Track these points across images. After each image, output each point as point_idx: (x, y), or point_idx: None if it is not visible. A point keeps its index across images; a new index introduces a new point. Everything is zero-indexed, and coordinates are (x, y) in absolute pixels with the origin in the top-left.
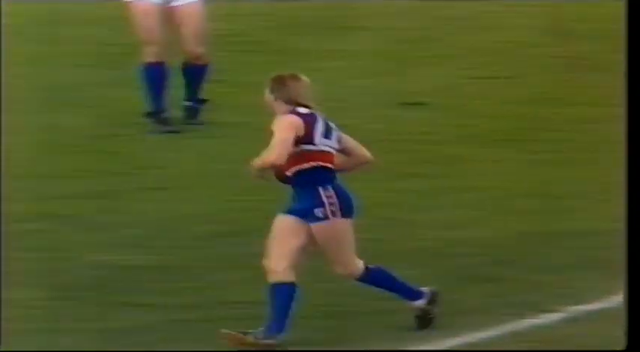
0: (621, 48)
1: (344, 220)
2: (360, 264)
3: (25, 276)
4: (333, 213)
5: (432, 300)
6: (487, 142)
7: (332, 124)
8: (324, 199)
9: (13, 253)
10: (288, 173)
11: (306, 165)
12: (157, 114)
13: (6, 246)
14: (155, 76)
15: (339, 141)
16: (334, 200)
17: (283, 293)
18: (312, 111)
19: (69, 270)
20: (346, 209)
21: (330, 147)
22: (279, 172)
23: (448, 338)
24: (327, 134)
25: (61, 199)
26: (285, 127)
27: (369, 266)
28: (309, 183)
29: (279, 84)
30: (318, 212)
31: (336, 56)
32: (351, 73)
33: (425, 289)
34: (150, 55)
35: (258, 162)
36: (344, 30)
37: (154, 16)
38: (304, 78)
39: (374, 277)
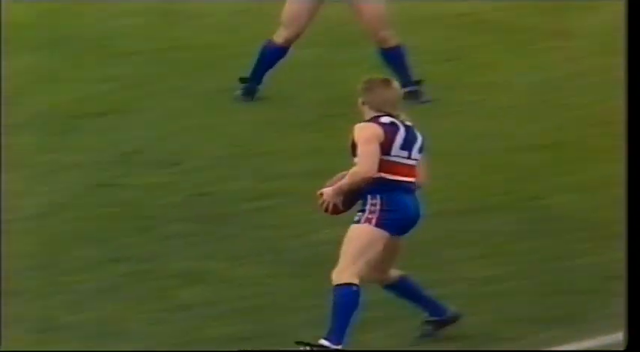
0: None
1: (377, 230)
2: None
3: (254, 254)
4: (368, 220)
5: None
6: None
7: (418, 134)
8: (367, 206)
9: (241, 231)
10: None
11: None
12: (249, 82)
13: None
14: (271, 55)
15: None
16: (376, 208)
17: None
18: (395, 120)
19: (297, 249)
20: (388, 222)
21: (406, 158)
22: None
23: None
24: (405, 145)
25: (290, 177)
26: (368, 138)
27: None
28: (366, 192)
29: (367, 89)
30: (357, 216)
31: (573, 34)
32: (587, 51)
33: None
34: (280, 37)
35: (348, 180)
36: (580, 8)
37: (307, 5)
38: (395, 84)
39: (343, 295)
